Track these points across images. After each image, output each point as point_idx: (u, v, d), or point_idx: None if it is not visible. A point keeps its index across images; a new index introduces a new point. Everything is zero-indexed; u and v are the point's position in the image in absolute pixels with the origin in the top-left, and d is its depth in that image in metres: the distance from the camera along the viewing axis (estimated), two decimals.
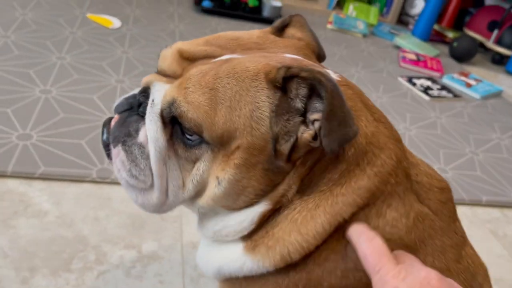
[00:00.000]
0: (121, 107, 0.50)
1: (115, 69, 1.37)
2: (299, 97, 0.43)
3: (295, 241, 0.45)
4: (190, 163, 0.47)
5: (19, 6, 1.64)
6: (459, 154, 1.40)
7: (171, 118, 0.46)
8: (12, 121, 1.03)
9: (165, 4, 2.04)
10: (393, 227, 0.46)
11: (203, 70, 0.45)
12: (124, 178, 0.48)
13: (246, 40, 0.50)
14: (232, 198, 0.47)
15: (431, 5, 2.38)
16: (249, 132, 0.44)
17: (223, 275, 0.51)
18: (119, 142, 0.48)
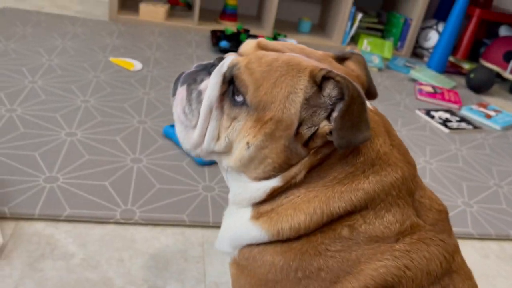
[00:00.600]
0: (199, 66, 0.62)
1: (137, 110, 1.41)
2: (330, 97, 0.51)
3: (291, 220, 0.53)
4: (228, 120, 0.56)
5: (46, 53, 1.71)
6: (483, 187, 1.37)
7: (230, 79, 0.56)
8: (40, 164, 1.06)
9: (184, 46, 2.11)
10: (386, 228, 0.52)
11: (267, 53, 0.56)
12: (177, 112, 0.60)
13: (310, 53, 0.60)
14: (255, 165, 0.56)
15: (445, 37, 2.41)
16: (282, 108, 0.52)
17: (234, 242, 0.59)
18: (185, 83, 0.60)
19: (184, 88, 0.59)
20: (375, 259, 0.51)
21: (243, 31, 2.32)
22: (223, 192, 1.10)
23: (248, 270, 0.57)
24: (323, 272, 0.52)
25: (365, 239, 0.52)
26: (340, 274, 0.51)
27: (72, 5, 2.46)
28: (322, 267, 0.52)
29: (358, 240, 0.52)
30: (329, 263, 0.52)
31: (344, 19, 2.54)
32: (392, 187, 0.53)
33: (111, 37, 2.03)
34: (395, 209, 0.52)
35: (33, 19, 2.07)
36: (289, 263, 0.53)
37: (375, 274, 0.50)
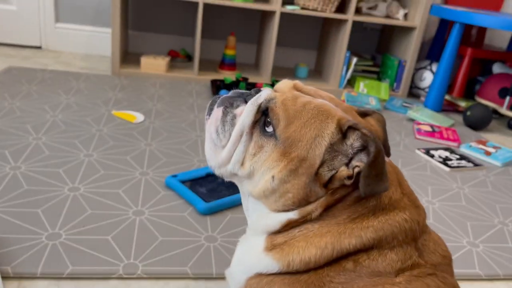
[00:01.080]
0: (236, 93, 0.67)
1: (139, 162, 1.43)
2: (352, 146, 0.57)
3: (302, 253, 0.57)
4: (255, 147, 0.61)
5: (50, 109, 1.76)
6: (488, 226, 1.36)
7: (264, 110, 0.61)
8: (43, 221, 1.07)
9: (185, 96, 2.17)
10: (388, 264, 0.56)
11: (302, 95, 0.62)
12: (210, 130, 0.65)
13: (337, 103, 0.65)
14: (276, 197, 0.60)
15: (440, 77, 2.46)
16: (308, 148, 0.58)
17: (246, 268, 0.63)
18: (222, 105, 0.65)
19: (220, 110, 0.64)
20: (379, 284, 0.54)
21: (242, 79, 2.38)
22: (225, 242, 1.10)
23: None
24: None
25: (368, 273, 0.55)
26: None
27: (76, 61, 2.54)
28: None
29: (361, 274, 0.55)
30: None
31: (339, 64, 2.61)
32: (399, 229, 0.57)
33: (114, 91, 2.09)
34: (398, 249, 0.57)
35: (38, 76, 2.14)
36: None
37: None
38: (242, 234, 1.12)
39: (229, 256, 1.04)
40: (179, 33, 2.81)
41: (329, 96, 0.66)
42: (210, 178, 1.35)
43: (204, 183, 1.32)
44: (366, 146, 0.56)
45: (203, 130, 1.77)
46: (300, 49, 3.00)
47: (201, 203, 1.19)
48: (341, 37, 2.56)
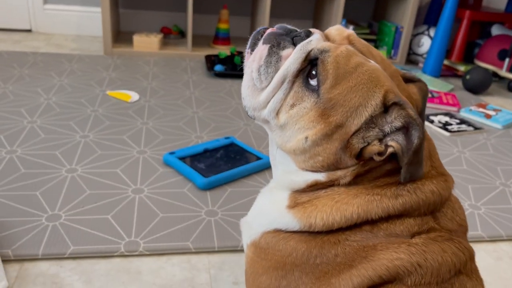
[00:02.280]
0: (282, 28, 0.61)
1: (136, 140, 1.42)
2: (391, 124, 0.53)
3: (326, 217, 0.55)
4: (293, 98, 0.57)
5: (43, 92, 1.74)
6: (489, 188, 1.36)
7: (312, 59, 0.56)
8: (42, 203, 1.06)
9: (180, 73, 2.14)
10: (405, 228, 0.55)
11: (356, 52, 0.56)
12: (251, 68, 0.59)
13: (388, 65, 0.61)
14: (305, 157, 0.57)
15: (438, 41, 2.42)
16: (348, 116, 0.53)
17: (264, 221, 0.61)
18: (269, 43, 0.58)
19: (266, 47, 0.58)
20: (392, 250, 0.53)
21: (237, 53, 2.34)
22: (226, 216, 1.09)
23: (266, 253, 0.59)
24: (338, 257, 0.55)
25: (384, 234, 0.54)
26: (355, 259, 0.54)
27: (67, 43, 2.50)
28: (338, 254, 0.55)
29: (378, 235, 0.54)
30: (346, 250, 0.54)
31: None
32: (424, 201, 0.55)
33: (107, 71, 2.06)
34: (417, 217, 0.55)
35: (30, 60, 2.10)
36: (311, 249, 0.56)
37: (390, 266, 0.52)
38: (243, 208, 1.12)
39: (230, 230, 1.04)
40: (171, 9, 2.75)
41: (380, 56, 0.60)
42: (208, 153, 1.34)
43: (202, 159, 1.31)
44: (408, 128, 0.52)
45: (199, 106, 1.75)
46: (295, 19, 2.95)
47: (200, 179, 1.19)
48: (336, 5, 2.51)
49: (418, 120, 0.52)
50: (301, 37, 0.58)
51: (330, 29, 0.61)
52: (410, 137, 0.52)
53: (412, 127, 0.52)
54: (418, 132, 0.51)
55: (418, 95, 0.64)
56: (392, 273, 0.52)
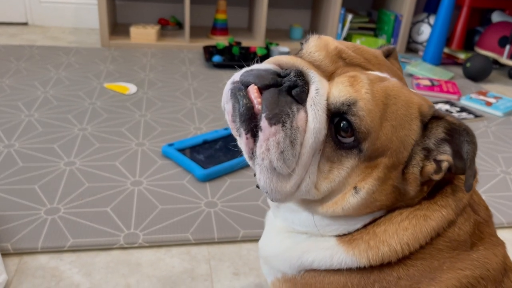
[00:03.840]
0: (265, 81, 0.48)
1: (135, 133, 1.41)
2: (434, 138, 0.49)
3: (400, 248, 0.49)
4: (328, 163, 0.48)
5: (40, 85, 1.72)
6: (490, 176, 1.35)
7: (333, 114, 0.47)
8: (40, 196, 1.06)
9: (178, 64, 2.12)
10: (459, 229, 0.51)
11: (371, 79, 0.48)
12: (270, 159, 0.47)
13: (382, 61, 0.55)
14: (360, 209, 0.50)
15: (438, 29, 2.40)
16: (397, 153, 0.48)
17: (302, 264, 0.53)
18: (279, 121, 0.46)
19: (278, 128, 0.46)
20: (457, 268, 0.50)
21: (235, 44, 2.33)
22: (226, 207, 1.09)
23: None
24: (402, 280, 0.49)
25: (445, 244, 0.50)
26: (421, 281, 0.49)
27: (64, 36, 2.48)
28: (401, 276, 0.49)
29: (439, 247, 0.50)
30: (409, 272, 0.49)
31: (334, 22, 2.54)
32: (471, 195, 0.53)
33: (105, 63, 2.04)
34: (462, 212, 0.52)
35: (26, 53, 2.09)
36: (368, 275, 0.50)
37: (457, 284, 0.49)
38: (242, 198, 1.11)
39: (230, 221, 1.03)
40: (168, 0, 2.73)
41: (369, 52, 0.54)
42: (207, 145, 1.33)
43: (201, 150, 1.30)
44: (452, 136, 0.48)
45: (198, 98, 1.74)
46: (294, 9, 2.92)
47: (199, 170, 1.18)
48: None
49: (460, 124, 0.47)
50: (301, 88, 0.47)
51: (308, 47, 0.52)
52: (457, 142, 0.48)
53: (456, 132, 0.48)
54: (466, 136, 0.47)
55: (399, 66, 0.62)
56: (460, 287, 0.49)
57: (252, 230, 1.00)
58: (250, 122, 0.47)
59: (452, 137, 0.48)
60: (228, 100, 0.49)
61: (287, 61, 0.50)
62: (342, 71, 0.50)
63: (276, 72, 0.49)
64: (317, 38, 0.52)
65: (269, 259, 0.59)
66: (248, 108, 0.47)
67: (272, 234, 0.59)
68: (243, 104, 0.47)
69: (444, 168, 0.49)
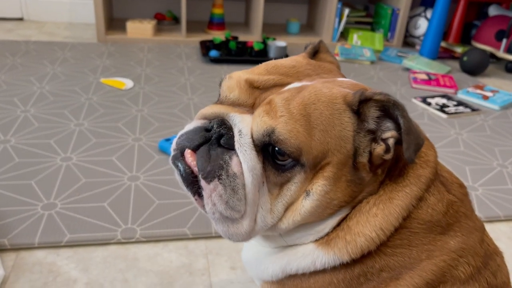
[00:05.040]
0: (194, 141, 0.51)
1: (131, 128, 1.40)
2: (371, 118, 0.49)
3: (375, 235, 0.49)
4: (277, 186, 0.50)
5: (36, 80, 1.71)
6: (486, 169, 1.36)
7: (263, 146, 0.48)
8: (37, 192, 1.06)
9: (175, 59, 2.11)
10: (433, 210, 0.51)
11: (286, 98, 0.48)
12: (219, 211, 0.49)
13: (302, 67, 0.55)
14: (319, 212, 0.50)
15: (435, 23, 2.40)
16: (338, 150, 0.48)
17: (287, 273, 0.54)
18: (214, 177, 0.48)
19: (216, 183, 0.48)
20: (435, 256, 0.50)
21: (232, 38, 2.32)
22: None
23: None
24: (384, 272, 0.51)
25: (420, 226, 0.51)
26: (401, 272, 0.50)
27: (60, 31, 2.47)
28: (383, 268, 0.50)
29: (414, 230, 0.51)
30: (390, 263, 0.50)
31: (331, 16, 2.53)
32: (433, 167, 0.53)
33: (101, 58, 2.03)
34: (432, 189, 0.52)
35: (22, 48, 2.08)
36: (352, 270, 0.51)
37: (435, 269, 0.50)
38: None
39: None
40: None
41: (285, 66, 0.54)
42: None
43: None
44: (387, 111, 0.48)
45: (194, 93, 1.74)
46: (291, 3, 2.91)
47: None
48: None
49: (388, 99, 0.47)
50: (226, 135, 0.50)
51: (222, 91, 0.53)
52: (395, 116, 0.48)
53: (388, 107, 0.48)
54: (396, 110, 0.47)
55: (331, 58, 0.62)
56: (438, 274, 0.50)
57: None
58: (193, 185, 0.51)
59: (387, 112, 0.49)
60: (174, 170, 0.53)
61: (211, 112, 0.52)
62: (260, 100, 0.51)
63: (204, 128, 0.52)
64: (228, 80, 0.53)
65: (253, 269, 0.60)
66: (187, 174, 0.51)
67: (252, 250, 0.61)
68: (183, 171, 0.51)
69: (392, 144, 0.49)
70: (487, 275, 0.52)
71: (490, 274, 0.53)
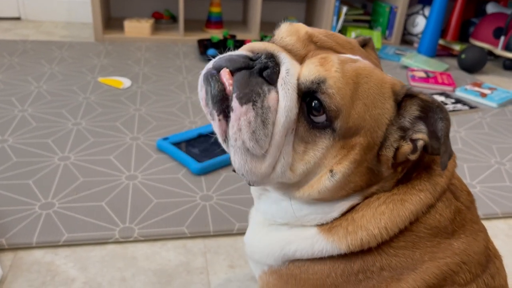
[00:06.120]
0: (237, 64, 0.48)
1: (129, 127, 1.40)
2: (409, 116, 0.49)
3: (378, 232, 0.49)
4: (302, 143, 0.48)
5: (34, 80, 1.71)
6: (484, 167, 1.36)
7: (305, 93, 0.47)
8: (35, 191, 1.05)
9: (172, 58, 2.11)
10: (440, 215, 0.51)
11: (342, 59, 0.48)
12: (242, 139, 0.47)
13: (356, 47, 0.55)
14: (335, 191, 0.50)
15: (433, 21, 2.40)
16: (371, 132, 0.48)
17: (285, 253, 0.54)
18: (250, 100, 0.46)
19: (249, 108, 0.46)
20: (438, 258, 0.50)
21: (230, 37, 2.32)
22: (221, 200, 1.09)
23: (298, 279, 0.54)
24: (385, 271, 0.50)
25: (426, 231, 0.51)
26: (403, 272, 0.50)
27: (57, 30, 2.46)
28: (384, 267, 0.50)
29: (420, 234, 0.50)
30: (392, 263, 0.50)
31: (329, 14, 2.53)
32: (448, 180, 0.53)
33: (99, 58, 2.03)
34: (443, 197, 0.52)
35: (19, 48, 2.07)
36: (351, 265, 0.51)
37: (438, 272, 0.50)
38: (237, 192, 1.11)
39: (225, 214, 1.03)
40: None
41: (342, 38, 0.54)
42: (202, 138, 1.33)
43: (196, 143, 1.30)
44: (427, 114, 0.48)
45: (192, 91, 1.74)
46: (288, 1, 2.91)
47: (194, 164, 1.18)
48: None
49: (433, 101, 0.47)
50: (272, 69, 0.48)
51: (280, 33, 0.52)
52: (431, 121, 0.48)
53: (430, 110, 0.48)
54: (439, 113, 0.47)
55: (375, 57, 0.62)
56: (440, 278, 0.50)
57: (248, 223, 1.00)
58: (222, 103, 0.47)
59: (427, 115, 0.48)
60: (202, 86, 0.50)
61: (259, 47, 0.50)
62: (313, 54, 0.50)
63: (248, 57, 0.50)
64: (289, 25, 0.53)
65: (254, 254, 0.60)
66: (219, 90, 0.47)
67: (255, 229, 0.60)
68: (215, 87, 0.48)
69: (420, 147, 0.49)
70: (485, 277, 0.53)
71: (489, 276, 0.53)
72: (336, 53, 0.51)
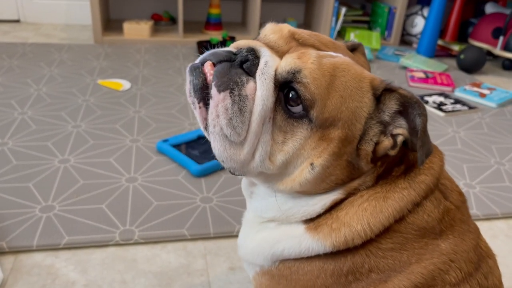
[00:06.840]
0: (219, 57, 0.51)
1: (129, 129, 1.40)
2: (388, 110, 0.50)
3: (361, 228, 0.50)
4: (281, 133, 0.50)
5: (33, 83, 1.71)
6: (484, 167, 1.36)
7: (282, 84, 0.49)
8: (35, 194, 1.06)
9: (171, 60, 2.11)
10: (428, 216, 0.51)
11: (320, 54, 0.49)
12: (220, 125, 0.49)
13: (341, 48, 0.56)
14: (317, 184, 0.51)
15: (431, 21, 2.40)
16: (349, 125, 0.49)
17: (274, 252, 0.55)
18: (227, 88, 0.48)
19: (226, 95, 0.48)
20: (424, 259, 0.51)
21: (229, 38, 2.32)
22: (221, 202, 1.09)
23: (289, 280, 0.55)
24: (373, 273, 0.51)
25: (414, 232, 0.51)
26: (391, 274, 0.51)
27: (56, 33, 2.46)
28: (373, 269, 0.51)
29: (408, 235, 0.51)
30: (380, 265, 0.51)
31: (328, 15, 2.54)
32: (435, 175, 0.53)
33: (98, 60, 2.03)
34: (431, 197, 0.53)
35: (19, 50, 2.07)
36: (340, 266, 0.52)
37: (425, 272, 0.50)
38: (237, 194, 1.12)
39: (226, 216, 1.04)
40: None
41: (327, 39, 0.55)
42: (202, 140, 1.33)
43: (196, 145, 1.30)
44: (405, 108, 0.49)
45: None
46: (287, 3, 2.91)
47: (194, 166, 1.18)
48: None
49: (412, 96, 0.48)
50: (251, 61, 0.50)
51: (264, 31, 0.54)
52: (411, 117, 0.49)
53: (409, 105, 0.49)
54: (417, 109, 0.48)
55: (364, 61, 0.62)
56: (428, 277, 0.50)
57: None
58: (202, 91, 0.50)
59: (406, 110, 0.49)
60: (187, 78, 0.52)
61: (243, 43, 0.53)
62: (294, 50, 0.52)
63: (232, 51, 0.52)
64: (273, 24, 0.55)
65: (246, 255, 0.61)
66: (201, 80, 0.50)
67: (247, 230, 0.61)
68: (197, 77, 0.50)
69: (400, 142, 0.50)
70: (478, 277, 0.53)
71: (482, 276, 0.53)
72: (317, 50, 0.53)
